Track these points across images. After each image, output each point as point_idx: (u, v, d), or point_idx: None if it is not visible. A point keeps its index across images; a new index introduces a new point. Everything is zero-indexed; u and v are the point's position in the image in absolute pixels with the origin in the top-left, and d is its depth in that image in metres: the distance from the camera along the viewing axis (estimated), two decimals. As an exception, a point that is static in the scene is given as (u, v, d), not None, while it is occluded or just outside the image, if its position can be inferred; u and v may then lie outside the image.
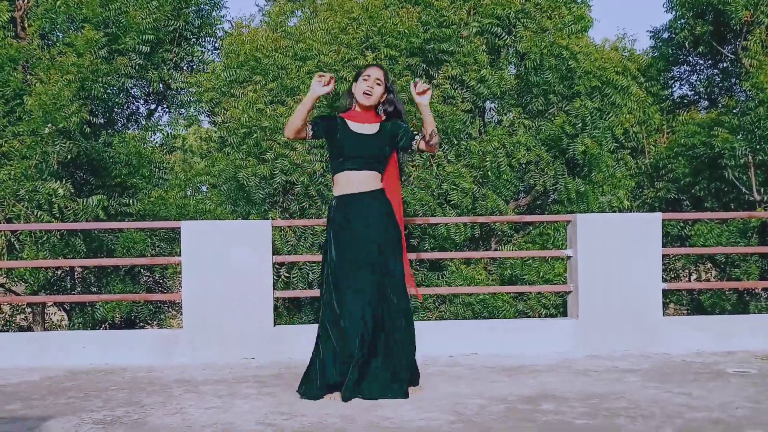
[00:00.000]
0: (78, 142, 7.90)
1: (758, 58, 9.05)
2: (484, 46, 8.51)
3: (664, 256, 5.91)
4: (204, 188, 9.96)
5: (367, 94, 4.11)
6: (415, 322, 4.26)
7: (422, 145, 4.21)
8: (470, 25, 8.49)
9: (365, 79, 4.12)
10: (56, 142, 7.57)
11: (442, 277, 8.33)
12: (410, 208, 8.05)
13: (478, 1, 8.65)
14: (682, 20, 10.61)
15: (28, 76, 8.03)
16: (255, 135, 8.14)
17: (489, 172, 8.32)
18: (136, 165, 8.69)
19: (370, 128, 4.17)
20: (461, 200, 8.07)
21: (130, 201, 8.26)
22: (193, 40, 10.01)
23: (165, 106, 10.40)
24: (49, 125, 7.40)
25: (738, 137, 9.20)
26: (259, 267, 5.31)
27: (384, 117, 4.25)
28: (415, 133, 4.29)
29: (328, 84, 4.02)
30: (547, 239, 8.38)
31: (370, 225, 4.07)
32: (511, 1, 8.52)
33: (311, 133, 4.13)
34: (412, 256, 7.47)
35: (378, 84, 4.13)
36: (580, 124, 8.40)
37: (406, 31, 8.21)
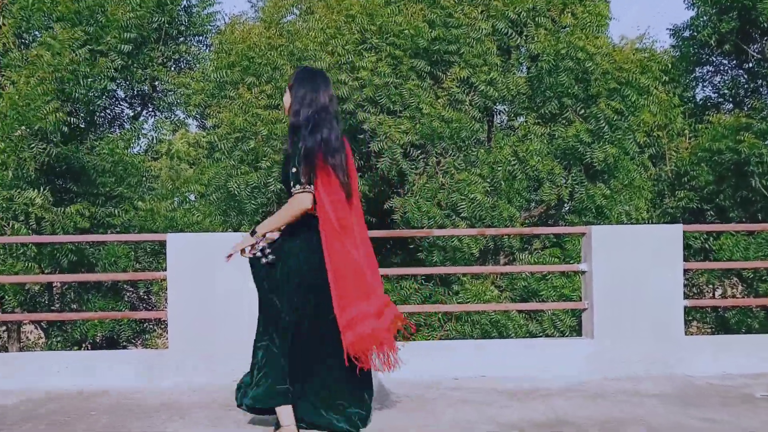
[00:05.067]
0: (56, 144, 7.90)
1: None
2: (495, 48, 8.50)
3: (686, 270, 5.90)
4: (192, 197, 9.96)
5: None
6: (417, 342, 4.24)
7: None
8: (479, 25, 8.46)
9: None
10: (32, 146, 7.56)
11: (450, 293, 8.32)
12: (414, 221, 8.06)
13: (485, 1, 8.65)
14: (705, 17, 10.64)
15: (2, 78, 8.07)
16: (251, 142, 8.15)
17: (502, 182, 8.29)
18: (121, 172, 8.69)
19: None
20: (472, 211, 8.05)
21: (115, 211, 8.25)
22: (181, 38, 10.04)
23: (151, 108, 10.42)
24: (22, 127, 7.39)
25: (766, 142, 9.21)
26: (250, 283, 5.29)
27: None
28: (302, 180, 3.67)
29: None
30: (568, 251, 8.37)
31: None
32: (522, 0, 8.52)
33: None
34: (419, 270, 7.48)
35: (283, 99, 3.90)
36: (600, 128, 8.35)
37: (412, 31, 8.18)
